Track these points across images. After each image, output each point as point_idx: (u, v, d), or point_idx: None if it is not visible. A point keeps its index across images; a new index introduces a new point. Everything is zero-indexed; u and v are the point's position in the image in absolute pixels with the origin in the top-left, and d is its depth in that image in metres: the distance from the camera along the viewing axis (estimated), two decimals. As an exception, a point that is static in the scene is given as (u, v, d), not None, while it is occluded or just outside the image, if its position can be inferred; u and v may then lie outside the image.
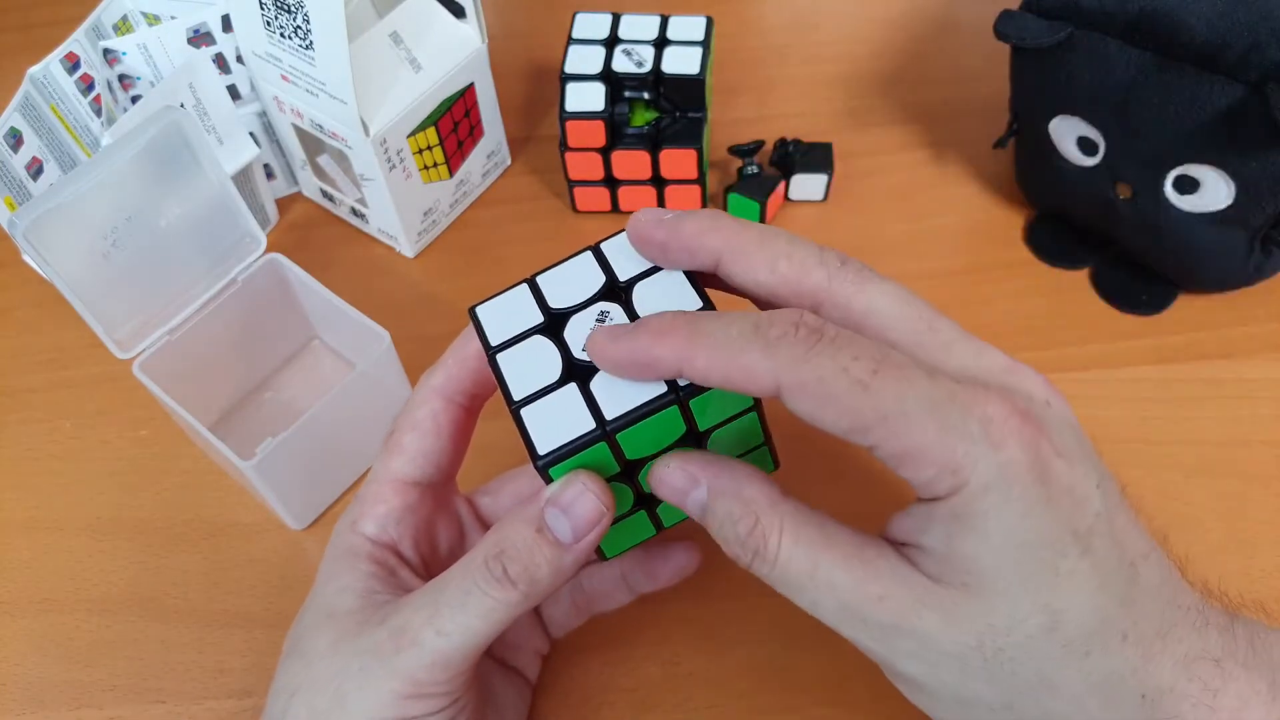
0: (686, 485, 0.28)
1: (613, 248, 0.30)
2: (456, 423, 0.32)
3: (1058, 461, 0.24)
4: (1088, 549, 0.24)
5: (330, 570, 0.32)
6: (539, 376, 0.28)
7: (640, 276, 0.29)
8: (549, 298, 0.29)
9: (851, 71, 0.57)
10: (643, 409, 0.27)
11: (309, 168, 0.51)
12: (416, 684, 0.28)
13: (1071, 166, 0.45)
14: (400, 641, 0.28)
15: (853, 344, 0.24)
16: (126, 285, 0.40)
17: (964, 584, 0.25)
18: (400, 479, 0.32)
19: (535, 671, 0.37)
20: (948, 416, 0.24)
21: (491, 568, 0.28)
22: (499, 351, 0.29)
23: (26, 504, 0.44)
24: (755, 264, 0.27)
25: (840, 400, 0.24)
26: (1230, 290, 0.46)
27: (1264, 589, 0.38)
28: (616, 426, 0.27)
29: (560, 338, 0.29)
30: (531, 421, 0.28)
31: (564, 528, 0.28)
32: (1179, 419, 0.43)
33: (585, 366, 0.28)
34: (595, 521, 0.28)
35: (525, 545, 0.28)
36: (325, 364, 0.47)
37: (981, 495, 0.24)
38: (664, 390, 0.27)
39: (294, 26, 0.42)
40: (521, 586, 0.28)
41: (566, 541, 0.28)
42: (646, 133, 0.48)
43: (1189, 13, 0.38)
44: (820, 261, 0.27)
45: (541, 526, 0.28)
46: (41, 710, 0.38)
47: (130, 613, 0.41)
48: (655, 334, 0.26)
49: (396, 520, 0.32)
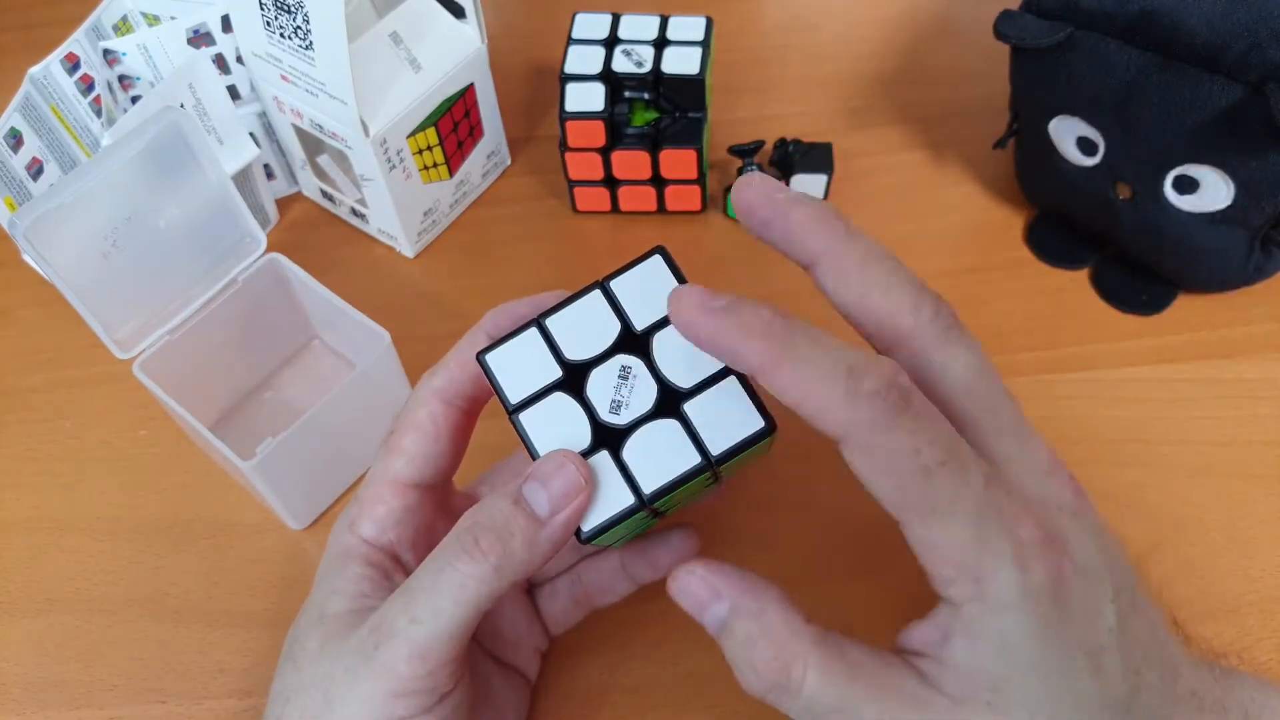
0: (709, 599, 0.27)
1: (623, 288, 0.29)
2: (456, 425, 0.32)
3: (1076, 582, 0.25)
4: (1099, 667, 0.25)
5: (325, 572, 0.32)
6: (568, 442, 0.28)
7: (658, 325, 0.29)
8: (563, 346, 0.29)
9: (851, 71, 0.57)
10: (679, 480, 0.27)
11: (309, 168, 0.51)
12: (398, 678, 0.28)
13: (1071, 166, 0.45)
14: (378, 636, 0.28)
15: (932, 426, 0.25)
16: (126, 285, 0.40)
17: (987, 703, 0.25)
18: (399, 480, 0.32)
19: (535, 670, 0.37)
20: (985, 529, 0.24)
21: (462, 540, 0.28)
22: (520, 411, 0.29)
23: (26, 504, 0.44)
24: (849, 284, 0.27)
25: (899, 478, 0.24)
26: (1230, 290, 0.46)
27: (1264, 589, 0.38)
28: (654, 497, 0.28)
29: (583, 396, 0.29)
30: None
31: (541, 499, 0.27)
32: (1179, 419, 0.43)
33: (614, 430, 0.28)
34: (573, 495, 0.27)
35: (500, 516, 0.28)
36: (325, 364, 0.47)
37: (1002, 612, 0.24)
38: (699, 461, 0.27)
39: (294, 27, 0.43)
40: (493, 558, 0.27)
41: (543, 514, 0.27)
42: (646, 133, 0.48)
43: (1189, 13, 0.38)
44: (914, 308, 0.26)
45: (518, 499, 0.28)
46: (42, 710, 0.38)
47: (130, 613, 0.41)
48: (748, 330, 0.25)
49: (395, 522, 0.32)
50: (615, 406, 0.28)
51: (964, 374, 0.26)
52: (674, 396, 0.28)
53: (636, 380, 0.28)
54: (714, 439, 0.28)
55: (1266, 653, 0.37)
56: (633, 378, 0.28)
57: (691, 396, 0.28)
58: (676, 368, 0.28)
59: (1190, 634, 0.31)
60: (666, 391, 0.28)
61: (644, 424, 0.28)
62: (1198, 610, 0.38)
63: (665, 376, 0.28)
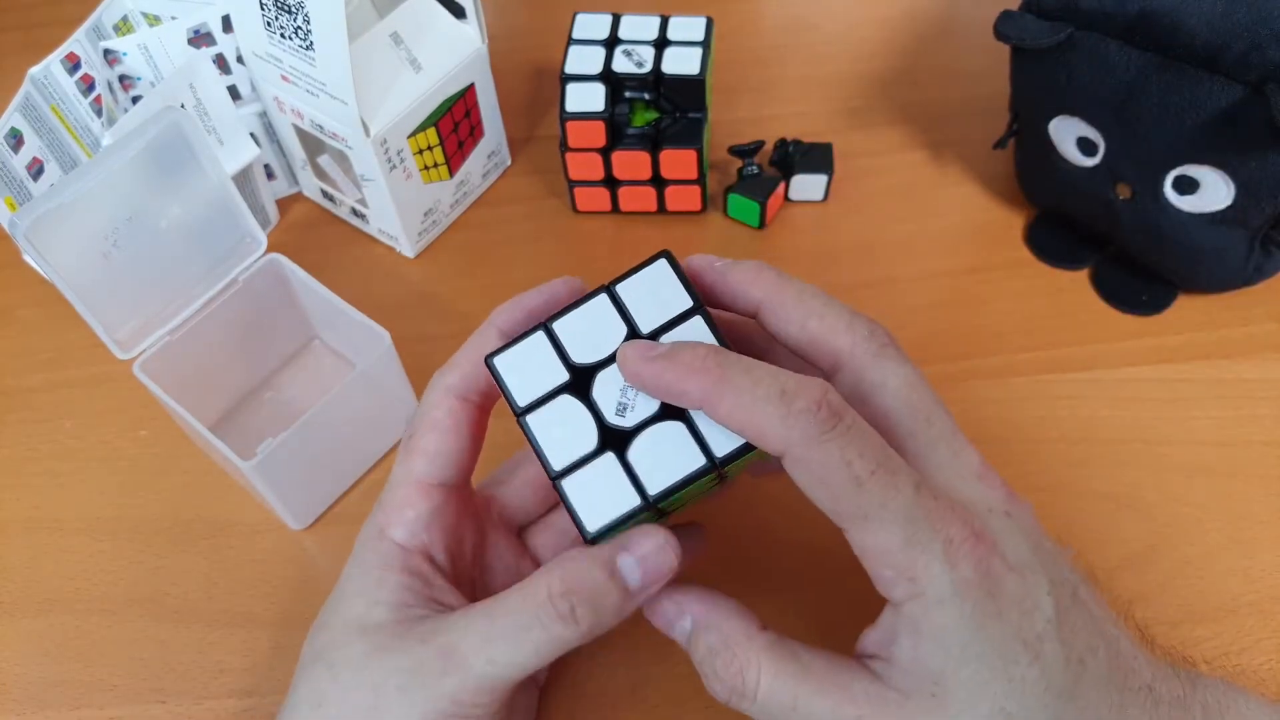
0: (675, 616, 0.30)
1: (629, 291, 0.30)
2: (473, 421, 0.32)
3: (1009, 576, 0.27)
4: (1038, 655, 0.26)
5: (361, 581, 0.31)
6: (575, 444, 0.29)
7: (663, 328, 0.29)
8: (570, 350, 0.29)
9: (851, 71, 0.57)
10: (684, 482, 0.28)
11: (309, 168, 0.51)
12: (458, 705, 0.29)
13: (1071, 166, 0.45)
14: (448, 663, 0.29)
15: (861, 439, 0.26)
16: (127, 285, 0.40)
17: (931, 694, 0.26)
18: (424, 481, 0.32)
19: (544, 675, 0.37)
20: (916, 531, 0.26)
21: (558, 605, 0.28)
22: (528, 413, 0.29)
23: (26, 504, 0.44)
24: (789, 318, 0.30)
25: (833, 488, 0.26)
26: (1230, 290, 0.46)
27: (1264, 589, 0.38)
28: (659, 498, 0.28)
29: (589, 398, 0.29)
30: (574, 494, 0.28)
31: (635, 576, 0.29)
32: (1179, 419, 0.43)
33: (620, 432, 0.28)
34: (666, 577, 0.29)
35: (596, 587, 0.29)
36: (325, 364, 0.47)
37: (938, 608, 0.26)
38: (704, 463, 0.28)
39: (294, 27, 0.43)
40: (584, 626, 0.29)
41: (634, 589, 0.29)
42: (646, 133, 0.48)
43: (1189, 13, 0.38)
44: (848, 327, 0.29)
45: (614, 571, 0.29)
46: (42, 710, 0.38)
47: (130, 613, 0.41)
48: (687, 368, 0.27)
49: (426, 524, 0.32)
50: (621, 409, 0.29)
51: (897, 387, 0.29)
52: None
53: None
54: (718, 441, 0.28)
55: (1266, 653, 0.37)
56: None
57: None
58: None
59: (1163, 643, 0.32)
60: None
61: (649, 426, 0.28)
62: (1197, 610, 0.38)
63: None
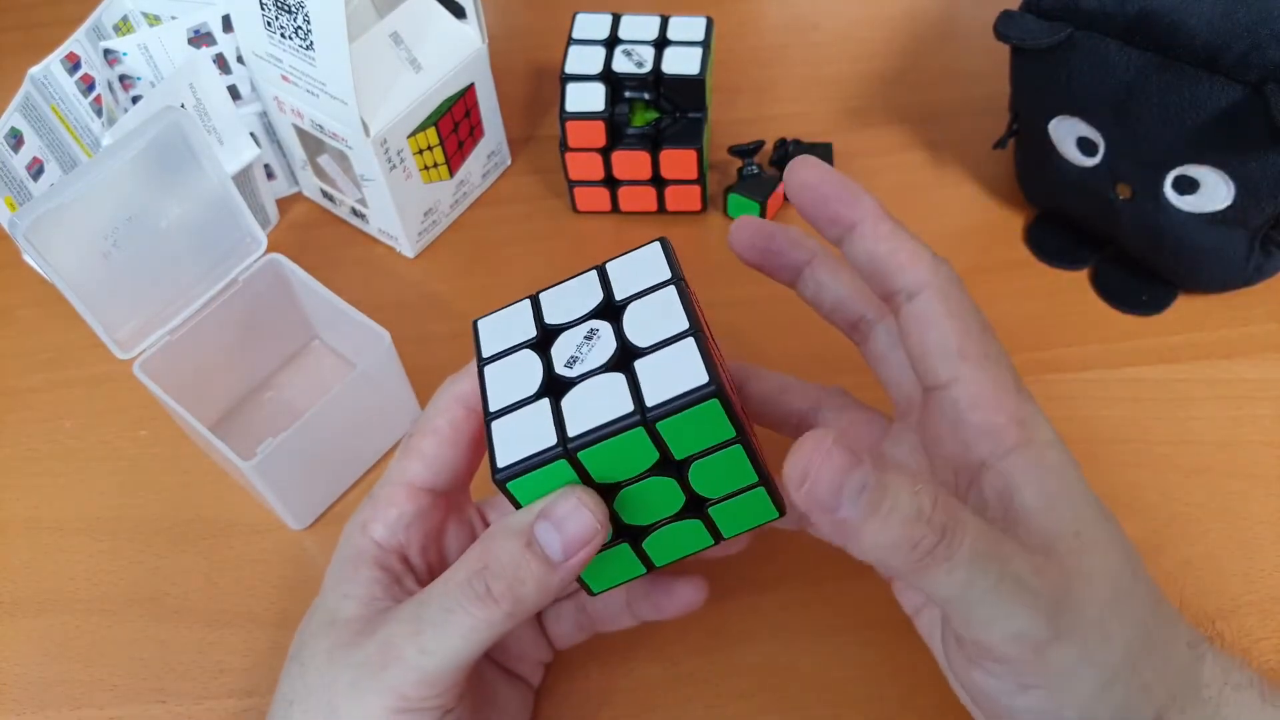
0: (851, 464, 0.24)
1: (617, 267, 0.30)
2: (475, 432, 0.32)
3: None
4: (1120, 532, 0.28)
5: (337, 574, 0.31)
6: (517, 390, 0.28)
7: (635, 296, 0.29)
8: (546, 314, 0.30)
9: (851, 71, 0.57)
10: (606, 428, 0.26)
11: (309, 168, 0.51)
12: (404, 699, 0.28)
13: (1071, 166, 0.45)
14: (386, 657, 0.28)
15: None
16: (127, 285, 0.40)
17: (1075, 532, 0.27)
18: (414, 483, 0.32)
19: (538, 678, 0.37)
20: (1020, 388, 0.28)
21: (475, 585, 0.27)
22: (487, 364, 0.29)
23: (26, 504, 0.44)
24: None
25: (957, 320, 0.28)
26: (1230, 290, 0.46)
27: (1264, 589, 0.38)
28: (579, 445, 0.26)
29: (547, 354, 0.28)
30: (499, 435, 0.27)
31: (554, 543, 0.27)
32: (1179, 419, 0.43)
33: (562, 380, 0.27)
34: (587, 539, 0.27)
35: (511, 561, 0.27)
36: (325, 364, 0.47)
37: (1049, 449, 0.27)
38: (630, 410, 0.26)
39: (294, 27, 0.43)
40: (505, 605, 0.27)
41: (556, 559, 0.27)
42: (647, 133, 0.48)
43: (1189, 13, 0.38)
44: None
45: (530, 541, 0.27)
46: (42, 710, 0.38)
47: (130, 613, 0.41)
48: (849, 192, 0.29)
49: (407, 525, 0.32)
50: (571, 361, 0.28)
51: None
52: (630, 356, 0.27)
53: (600, 340, 0.28)
54: (653, 392, 0.26)
55: (1266, 653, 0.37)
56: (596, 338, 0.28)
57: (646, 355, 0.27)
58: (641, 331, 0.28)
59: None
60: (625, 351, 0.27)
61: (592, 377, 0.27)
62: (1197, 610, 0.38)
63: (627, 337, 0.28)
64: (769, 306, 0.48)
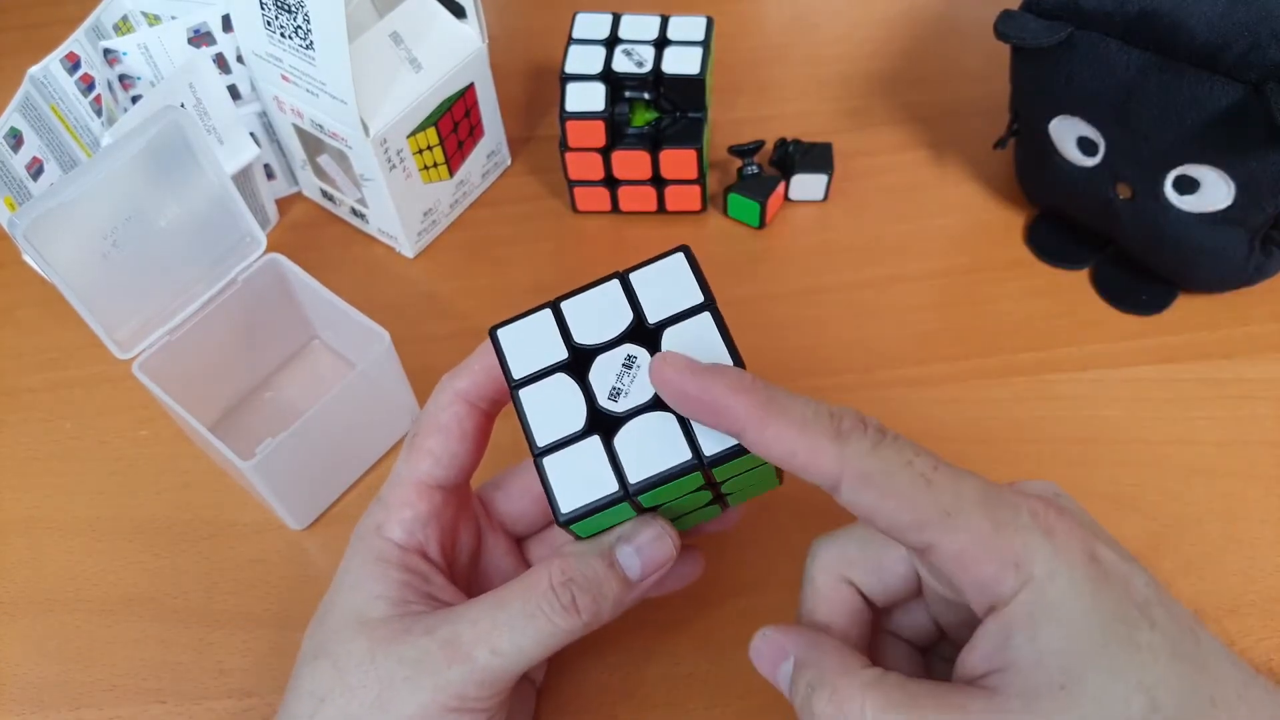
0: (778, 658, 0.29)
1: (641, 280, 0.29)
2: (479, 427, 0.32)
3: (1096, 542, 0.25)
4: (1154, 621, 0.25)
5: (358, 576, 0.31)
6: (562, 423, 0.28)
7: (670, 321, 0.29)
8: (573, 330, 0.29)
9: (851, 71, 0.57)
10: (667, 474, 0.27)
11: (309, 168, 0.51)
12: (462, 698, 0.29)
13: (1071, 166, 0.45)
14: (452, 655, 0.29)
15: (912, 444, 0.26)
16: (126, 285, 0.40)
17: (1061, 685, 0.24)
18: (424, 482, 0.32)
19: (541, 675, 0.37)
20: (1001, 512, 0.25)
21: (560, 594, 0.29)
22: (521, 387, 0.29)
23: (26, 504, 0.44)
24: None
25: (903, 493, 0.25)
26: (1230, 290, 0.46)
27: (1264, 589, 0.38)
28: (639, 489, 0.27)
29: (585, 380, 0.28)
30: (554, 474, 0.28)
31: (635, 565, 0.29)
32: (1179, 419, 0.43)
33: (609, 417, 0.28)
34: (664, 564, 0.30)
35: (596, 577, 0.29)
36: (325, 364, 0.47)
37: (1050, 583, 0.24)
38: (689, 457, 0.27)
39: (294, 26, 0.43)
40: (585, 616, 0.29)
41: (634, 579, 0.30)
42: (646, 133, 0.48)
43: (1189, 13, 0.38)
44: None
45: (613, 561, 0.29)
46: (41, 710, 0.38)
47: (130, 613, 0.41)
48: (732, 388, 0.26)
49: (423, 524, 0.32)
50: (615, 394, 0.28)
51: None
52: None
53: (640, 371, 0.28)
54: (709, 438, 0.27)
55: (1266, 653, 0.37)
56: (636, 368, 0.28)
57: None
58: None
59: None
60: None
61: (640, 414, 0.28)
62: (1198, 610, 0.38)
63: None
64: (769, 306, 0.48)
